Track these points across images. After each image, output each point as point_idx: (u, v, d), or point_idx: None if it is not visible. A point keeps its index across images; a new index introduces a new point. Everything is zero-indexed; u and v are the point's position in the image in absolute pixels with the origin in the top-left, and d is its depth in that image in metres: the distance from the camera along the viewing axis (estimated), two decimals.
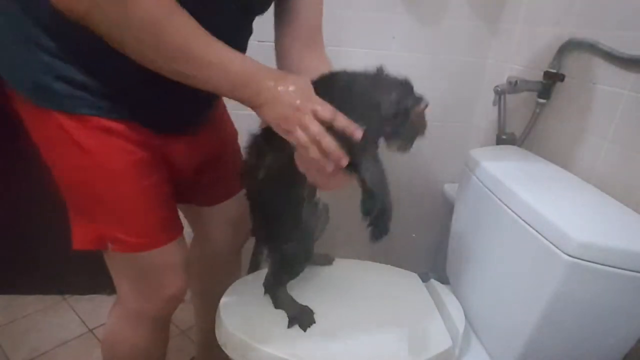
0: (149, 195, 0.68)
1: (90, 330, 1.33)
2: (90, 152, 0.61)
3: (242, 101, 0.59)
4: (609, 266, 0.61)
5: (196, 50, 0.54)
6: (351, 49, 1.18)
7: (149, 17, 0.50)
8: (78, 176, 0.64)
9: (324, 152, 0.56)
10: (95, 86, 0.59)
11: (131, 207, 0.67)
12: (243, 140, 0.94)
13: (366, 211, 0.60)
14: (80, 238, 0.69)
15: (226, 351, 0.76)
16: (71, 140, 0.60)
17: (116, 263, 0.73)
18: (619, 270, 0.61)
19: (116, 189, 0.65)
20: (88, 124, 0.60)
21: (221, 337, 0.77)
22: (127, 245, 0.68)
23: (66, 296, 1.47)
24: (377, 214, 0.60)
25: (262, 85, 0.58)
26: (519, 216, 0.73)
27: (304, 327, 0.74)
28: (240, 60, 0.57)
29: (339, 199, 0.87)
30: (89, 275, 1.40)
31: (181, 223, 0.77)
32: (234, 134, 0.91)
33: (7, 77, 0.61)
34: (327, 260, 0.93)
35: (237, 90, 0.58)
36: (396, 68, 1.26)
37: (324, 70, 0.69)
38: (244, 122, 0.94)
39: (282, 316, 0.79)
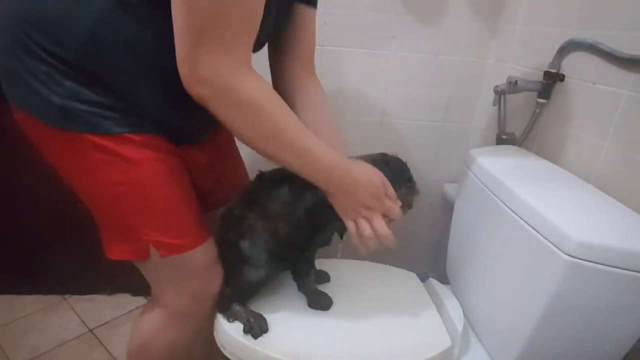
0: (185, 197, 0.72)
1: (90, 330, 1.34)
2: (133, 163, 0.64)
3: (321, 185, 0.67)
4: (609, 266, 0.61)
5: (288, 139, 0.62)
6: (351, 49, 1.18)
7: (251, 99, 0.59)
8: (118, 190, 0.65)
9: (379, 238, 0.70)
10: (120, 107, 0.62)
11: (173, 211, 0.70)
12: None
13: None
14: (119, 250, 0.70)
15: (225, 353, 0.76)
16: (112, 156, 0.63)
17: (159, 269, 0.73)
18: (619, 270, 0.61)
19: (159, 194, 0.68)
20: (123, 140, 0.63)
21: (220, 339, 0.77)
22: (172, 247, 0.69)
23: (66, 296, 1.47)
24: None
25: (344, 177, 0.66)
26: (518, 216, 0.73)
27: (255, 336, 0.73)
28: (325, 151, 0.65)
29: None
30: (89, 275, 1.41)
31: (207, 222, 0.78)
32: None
33: (27, 109, 0.61)
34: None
35: (321, 178, 0.66)
36: (396, 68, 1.27)
37: (319, 93, 0.82)
38: None
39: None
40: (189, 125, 0.73)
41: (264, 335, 0.74)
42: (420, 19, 1.17)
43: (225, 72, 0.56)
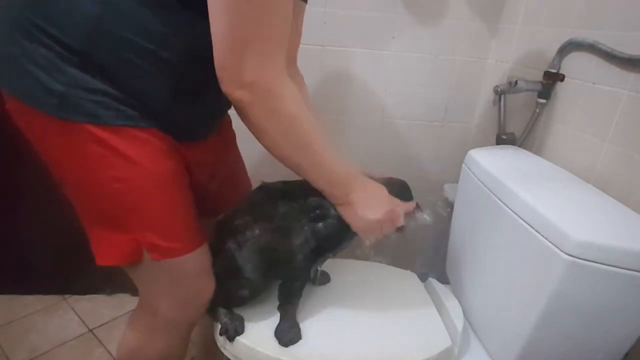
0: (182, 199, 0.69)
1: (90, 330, 1.34)
2: (133, 161, 0.61)
3: (331, 196, 0.71)
4: (608, 265, 0.61)
5: (316, 148, 0.66)
6: (351, 49, 1.18)
7: (288, 107, 0.61)
8: (115, 187, 0.62)
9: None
10: (124, 98, 0.60)
11: (169, 212, 0.67)
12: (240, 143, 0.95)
13: None
14: (109, 253, 0.67)
15: (225, 353, 0.76)
16: (112, 151, 0.60)
17: (150, 274, 0.71)
18: (618, 270, 0.61)
19: (157, 195, 0.65)
20: (125, 135, 0.61)
21: (219, 339, 0.77)
22: (165, 250, 0.67)
23: (66, 296, 1.47)
24: None
25: (354, 190, 0.71)
26: (518, 216, 0.73)
27: (230, 338, 0.73)
28: (342, 165, 0.70)
29: None
30: (89, 275, 1.41)
31: (205, 227, 0.76)
32: (234, 135, 0.92)
33: (23, 97, 0.58)
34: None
35: (334, 188, 0.71)
36: (396, 68, 1.27)
37: (304, 89, 0.85)
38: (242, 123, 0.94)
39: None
40: (193, 120, 0.70)
41: (262, 335, 0.74)
42: (420, 19, 1.17)
43: (270, 78, 0.58)
